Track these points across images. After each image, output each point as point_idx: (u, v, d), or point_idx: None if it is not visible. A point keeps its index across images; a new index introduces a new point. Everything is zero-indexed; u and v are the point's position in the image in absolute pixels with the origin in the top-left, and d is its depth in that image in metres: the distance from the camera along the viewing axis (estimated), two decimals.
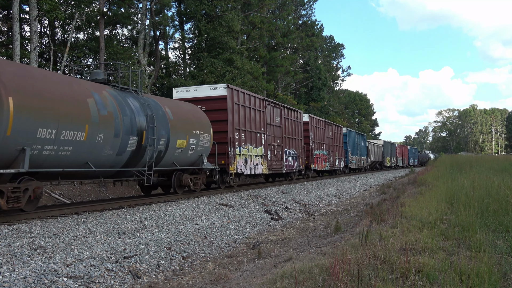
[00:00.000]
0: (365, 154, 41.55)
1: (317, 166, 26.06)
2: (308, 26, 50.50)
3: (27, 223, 8.01)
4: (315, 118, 26.72)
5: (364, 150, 40.88)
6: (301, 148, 23.33)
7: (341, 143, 32.63)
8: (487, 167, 17.82)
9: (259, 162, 17.73)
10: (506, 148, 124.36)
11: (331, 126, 30.53)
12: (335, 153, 30.84)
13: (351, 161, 35.43)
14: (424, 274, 4.22)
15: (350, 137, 35.34)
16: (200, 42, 29.17)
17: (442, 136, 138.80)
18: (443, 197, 9.46)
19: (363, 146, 40.81)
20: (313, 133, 25.82)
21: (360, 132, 41.71)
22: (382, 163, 50.59)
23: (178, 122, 12.51)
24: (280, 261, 6.64)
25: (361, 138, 40.37)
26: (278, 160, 19.96)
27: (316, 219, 13.06)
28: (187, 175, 13.26)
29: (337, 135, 31.85)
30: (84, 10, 25.08)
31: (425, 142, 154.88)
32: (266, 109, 18.97)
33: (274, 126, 19.78)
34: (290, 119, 22.00)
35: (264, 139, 18.43)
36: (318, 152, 26.37)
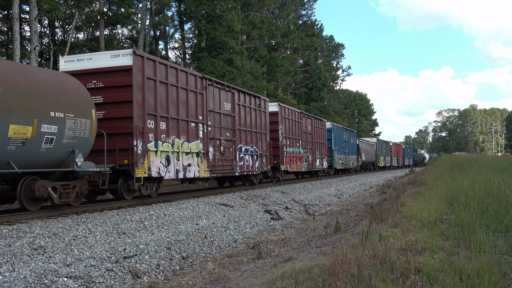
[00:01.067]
0: (355, 153, 37.45)
1: (289, 166, 21.48)
2: (308, 26, 50.54)
3: (27, 223, 8.01)
4: (287, 108, 21.92)
5: (353, 148, 36.75)
6: (265, 144, 18.79)
7: (324, 140, 28.08)
8: (487, 167, 17.82)
9: (193, 162, 13.14)
10: (506, 148, 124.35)
11: (310, 120, 25.67)
12: (316, 152, 26.22)
13: (337, 160, 30.95)
14: (424, 274, 4.22)
15: (336, 133, 31.02)
16: (200, 42, 29.18)
17: (442, 136, 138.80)
18: (443, 197, 9.46)
19: (353, 144, 36.55)
20: (285, 126, 21.11)
21: (349, 128, 37.22)
22: (375, 163, 46.58)
23: (14, 98, 7.96)
24: (280, 261, 6.64)
25: (350, 135, 36.13)
26: (227, 159, 15.35)
27: (316, 219, 13.07)
28: (45, 181, 8.91)
29: (319, 130, 27.34)
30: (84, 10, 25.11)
31: (425, 142, 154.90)
32: (208, 90, 14.20)
33: (221, 114, 15.10)
34: (249, 107, 17.35)
35: (203, 131, 13.82)
36: (291, 150, 21.80)
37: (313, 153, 25.60)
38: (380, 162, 48.15)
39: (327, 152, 28.74)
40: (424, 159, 76.32)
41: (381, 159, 48.64)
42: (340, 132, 32.72)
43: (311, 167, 25.32)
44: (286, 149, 21.15)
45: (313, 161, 25.66)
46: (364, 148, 41.23)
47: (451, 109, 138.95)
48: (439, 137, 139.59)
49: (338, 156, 31.32)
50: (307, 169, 24.83)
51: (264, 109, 18.95)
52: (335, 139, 30.53)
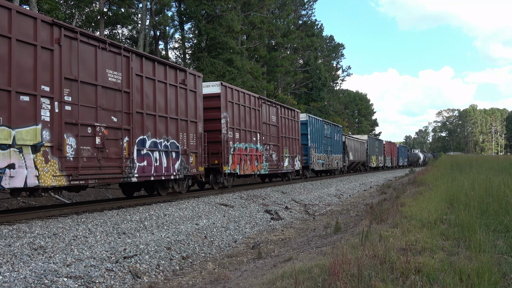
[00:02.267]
0: (341, 151, 32.33)
1: (239, 168, 16.17)
2: (308, 26, 50.54)
3: (27, 223, 8.01)
4: (236, 91, 16.40)
5: (338, 146, 31.70)
6: (194, 137, 13.57)
7: (296, 135, 22.72)
8: (487, 167, 17.82)
9: (19, 162, 7.96)
10: (506, 148, 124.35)
11: (275, 108, 20.21)
12: (283, 149, 20.80)
13: (315, 160, 25.83)
14: (424, 274, 4.22)
15: (314, 127, 25.97)
16: (200, 42, 29.18)
17: (442, 136, 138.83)
18: (443, 197, 9.46)
19: (337, 141, 31.47)
20: (232, 114, 15.85)
21: (332, 122, 31.46)
22: (366, 163, 41.66)
23: None
24: (280, 261, 6.64)
25: (334, 130, 30.79)
26: (111, 158, 10.18)
27: (316, 219, 13.07)
28: None
29: (290, 122, 21.93)
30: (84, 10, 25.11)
31: (425, 142, 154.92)
32: (63, 46, 8.96)
33: (97, 87, 9.86)
34: (163, 82, 12.19)
35: (51, 112, 8.65)
36: (242, 146, 16.52)
37: (279, 151, 20.20)
38: (372, 162, 43.59)
39: (300, 150, 23.19)
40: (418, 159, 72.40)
41: (373, 158, 44.11)
42: (320, 126, 27.43)
43: (275, 168, 19.84)
44: (234, 145, 15.93)
45: (279, 161, 20.26)
46: (352, 146, 36.52)
47: (451, 109, 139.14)
48: (439, 137, 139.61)
49: (316, 155, 26.15)
50: (270, 171, 19.31)
51: (194, 88, 13.58)
52: (312, 135, 25.61)
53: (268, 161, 19.11)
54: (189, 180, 13.99)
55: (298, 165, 22.95)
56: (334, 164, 30.18)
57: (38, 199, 12.98)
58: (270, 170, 19.39)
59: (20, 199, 12.53)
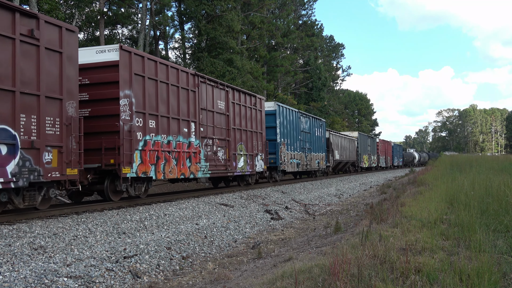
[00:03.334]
0: (323, 149, 27.79)
1: (156, 170, 11.61)
2: (308, 26, 50.54)
3: (27, 223, 8.02)
4: (152, 61, 11.89)
5: (320, 143, 27.15)
6: (59, 123, 8.93)
7: (259, 128, 18.00)
8: (487, 167, 17.82)
9: None
10: (506, 148, 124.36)
11: (224, 92, 15.48)
12: (236, 145, 16.09)
13: (287, 160, 20.92)
14: (424, 274, 4.22)
15: (285, 118, 20.98)
16: (200, 42, 29.18)
17: (442, 136, 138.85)
18: (443, 197, 9.46)
19: (319, 138, 26.99)
20: (141, 92, 11.33)
21: (310, 115, 26.32)
22: (357, 163, 37.79)
23: None
24: (280, 261, 6.64)
25: (315, 124, 26.32)
26: None
27: (316, 219, 13.07)
28: None
29: (248, 112, 17.09)
30: (84, 10, 25.12)
31: (425, 142, 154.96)
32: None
33: None
34: None
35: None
36: (161, 140, 11.94)
37: (229, 148, 15.38)
38: (363, 162, 39.77)
39: (265, 147, 18.44)
40: (413, 159, 68.92)
41: (364, 158, 40.35)
42: (294, 118, 22.33)
43: (222, 170, 15.10)
44: (146, 137, 11.32)
45: (230, 160, 15.44)
46: (339, 143, 32.14)
47: (451, 109, 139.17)
48: (439, 137, 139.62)
49: (289, 154, 21.21)
50: (213, 173, 14.57)
51: (58, 47, 8.86)
52: (284, 128, 20.77)
53: (211, 160, 14.32)
54: (44, 190, 8.79)
55: (261, 165, 18.12)
56: (314, 165, 25.54)
57: None
58: (214, 172, 14.51)
59: None
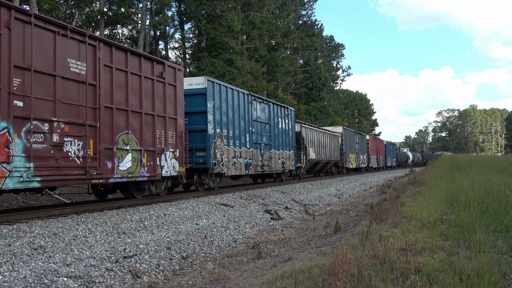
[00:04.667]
0: (292, 146, 22.27)
1: None
2: (308, 26, 50.56)
3: (27, 222, 8.01)
4: None
5: (286, 138, 21.55)
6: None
7: (171, 111, 12.46)
8: (487, 167, 17.82)
9: None
10: (506, 148, 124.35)
11: (89, 47, 9.54)
12: (116, 136, 10.34)
13: (227, 159, 15.53)
14: (424, 274, 4.22)
15: (224, 102, 15.47)
16: (200, 42, 29.18)
17: (442, 136, 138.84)
18: (443, 197, 9.46)
19: (285, 131, 21.39)
20: None
21: (273, 101, 20.16)
22: (341, 163, 32.71)
23: None
24: (280, 261, 6.64)
25: (277, 113, 20.30)
26: None
27: (316, 219, 13.07)
28: None
29: (150, 85, 11.54)
30: (84, 10, 25.11)
31: (425, 142, 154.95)
32: None
33: None
34: None
35: None
36: None
37: (96, 139, 9.76)
38: (349, 162, 34.60)
39: (182, 140, 12.89)
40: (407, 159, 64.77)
41: (351, 157, 35.27)
42: (242, 102, 16.75)
43: (76, 176, 9.13)
44: None
45: (97, 159, 9.76)
46: (315, 140, 26.36)
47: (451, 109, 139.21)
48: (439, 137, 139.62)
49: (231, 150, 15.81)
50: (47, 181, 8.44)
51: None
52: (222, 115, 15.19)
53: (44, 158, 8.38)
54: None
55: (173, 167, 12.26)
56: (276, 165, 19.94)
57: (38, 199, 12.97)
58: (49, 178, 8.46)
59: (20, 199, 12.53)
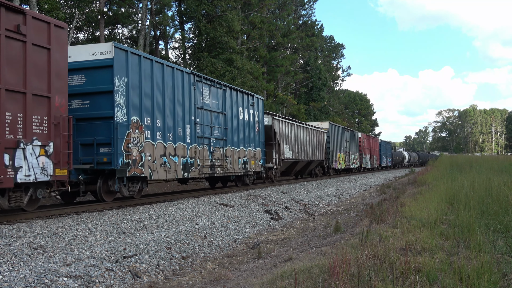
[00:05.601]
0: (258, 143, 18.22)
1: None
2: (308, 26, 50.55)
3: (27, 222, 8.01)
4: None
5: (251, 132, 17.60)
6: None
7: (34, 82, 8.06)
8: (487, 168, 17.82)
9: None
10: (506, 148, 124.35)
11: None
12: None
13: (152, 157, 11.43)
14: (423, 274, 4.22)
15: (145, 78, 11.33)
16: (200, 42, 29.17)
17: (442, 136, 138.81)
18: (443, 197, 9.46)
19: (248, 124, 17.44)
20: None
21: (227, 84, 16.11)
22: (327, 163, 28.70)
23: None
24: (280, 261, 6.64)
25: (237, 100, 16.54)
26: None
27: (316, 219, 13.07)
28: None
29: None
30: (84, 10, 25.12)
31: (425, 142, 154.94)
32: None
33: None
34: None
35: None
36: None
37: None
38: (338, 162, 30.71)
39: (62, 131, 8.69)
40: (403, 159, 61.23)
41: (339, 157, 31.29)
42: (178, 82, 12.82)
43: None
44: None
45: None
46: (292, 135, 21.85)
47: (451, 109, 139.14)
48: (439, 137, 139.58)
49: (159, 146, 11.93)
50: None
51: None
52: (142, 97, 11.32)
53: None
54: None
55: (44, 169, 8.36)
56: (235, 166, 16.04)
57: None
58: None
59: None
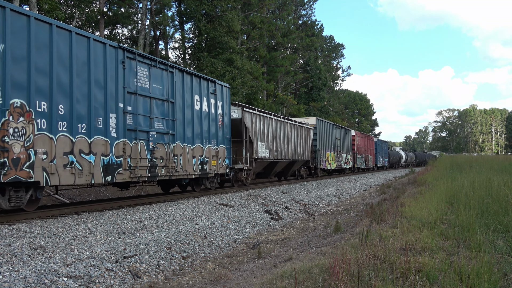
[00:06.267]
0: (220, 138, 15.03)
1: None
2: (308, 26, 50.52)
3: (27, 222, 8.01)
4: None
5: (211, 125, 14.43)
6: None
7: None
8: (487, 167, 17.82)
9: None
10: (506, 148, 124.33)
11: None
12: None
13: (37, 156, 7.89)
14: (424, 274, 4.22)
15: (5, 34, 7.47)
16: (200, 42, 29.16)
17: (442, 136, 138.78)
18: (443, 197, 9.46)
19: (208, 116, 14.27)
20: None
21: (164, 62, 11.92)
22: (313, 163, 25.86)
23: None
24: (280, 261, 6.64)
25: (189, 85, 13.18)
26: None
27: (316, 219, 13.06)
28: None
29: None
30: (84, 10, 25.10)
31: (425, 142, 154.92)
32: None
33: None
34: None
35: None
36: None
37: None
38: (326, 162, 27.79)
39: None
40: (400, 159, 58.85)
41: (329, 156, 28.39)
42: (100, 57, 9.69)
43: None
44: None
45: None
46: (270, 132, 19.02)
47: (451, 109, 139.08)
48: (439, 137, 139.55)
49: (63, 140, 8.65)
50: None
51: None
52: (31, 72, 7.93)
53: None
54: None
55: None
56: (188, 167, 12.97)
57: None
58: None
59: None
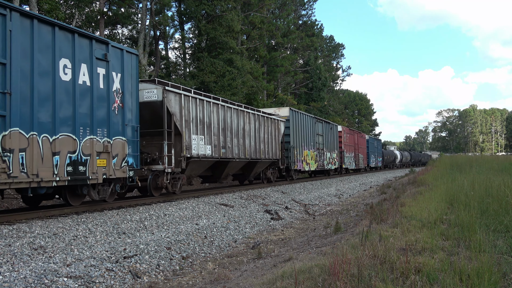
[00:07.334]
0: (117, 128, 10.02)
1: None
2: (308, 26, 50.53)
3: (27, 223, 8.01)
4: None
5: (99, 108, 9.43)
6: None
7: None
8: (487, 167, 17.82)
9: None
10: (506, 148, 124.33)
11: None
12: None
13: None
14: (424, 274, 4.22)
15: None
16: (200, 42, 29.16)
17: (442, 136, 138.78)
18: (443, 197, 9.46)
19: (94, 93, 9.23)
20: None
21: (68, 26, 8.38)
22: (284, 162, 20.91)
23: None
24: (280, 261, 6.64)
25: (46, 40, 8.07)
26: None
27: (316, 219, 13.06)
28: None
29: None
30: (84, 10, 25.11)
31: (425, 142, 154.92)
32: None
33: None
34: None
35: None
36: None
37: None
38: (303, 161, 23.46)
39: None
40: (395, 158, 56.15)
41: (306, 155, 23.99)
42: None
43: None
44: None
45: None
46: (215, 121, 14.59)
47: (451, 109, 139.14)
48: (439, 137, 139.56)
49: None
50: None
51: None
52: None
53: None
54: None
55: None
56: (39, 170, 8.04)
57: None
58: None
59: (20, 199, 12.51)
